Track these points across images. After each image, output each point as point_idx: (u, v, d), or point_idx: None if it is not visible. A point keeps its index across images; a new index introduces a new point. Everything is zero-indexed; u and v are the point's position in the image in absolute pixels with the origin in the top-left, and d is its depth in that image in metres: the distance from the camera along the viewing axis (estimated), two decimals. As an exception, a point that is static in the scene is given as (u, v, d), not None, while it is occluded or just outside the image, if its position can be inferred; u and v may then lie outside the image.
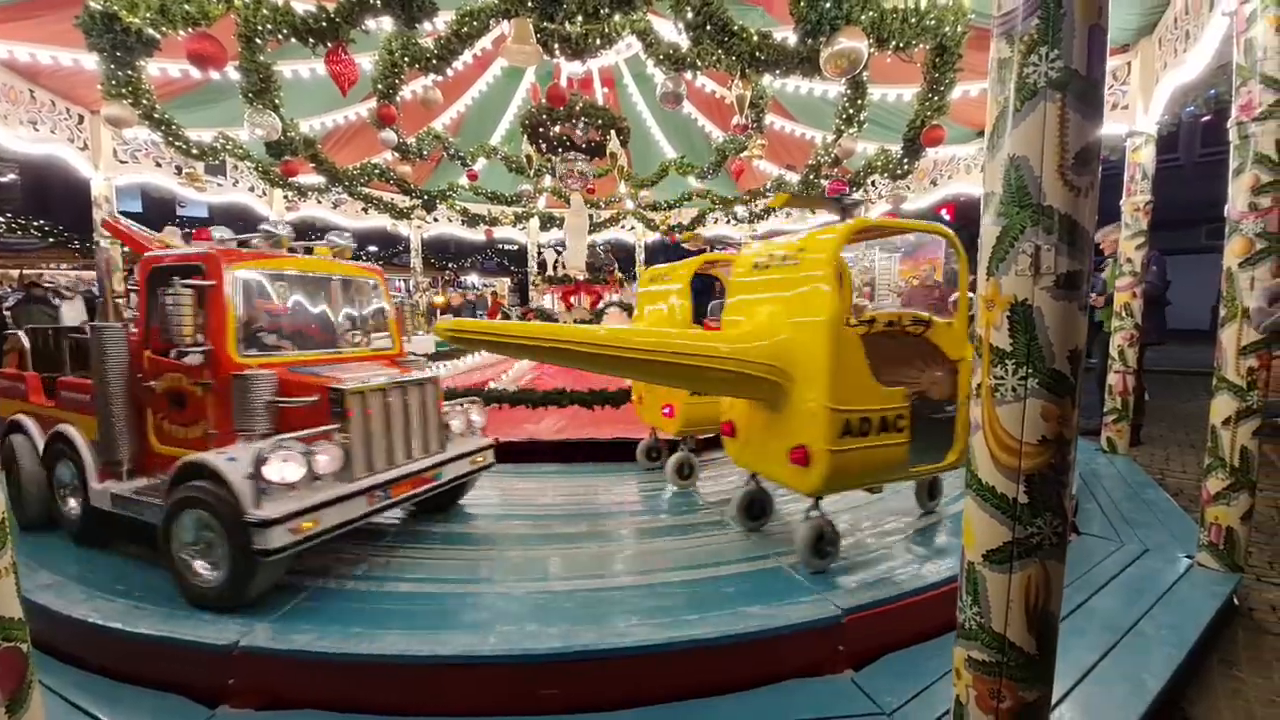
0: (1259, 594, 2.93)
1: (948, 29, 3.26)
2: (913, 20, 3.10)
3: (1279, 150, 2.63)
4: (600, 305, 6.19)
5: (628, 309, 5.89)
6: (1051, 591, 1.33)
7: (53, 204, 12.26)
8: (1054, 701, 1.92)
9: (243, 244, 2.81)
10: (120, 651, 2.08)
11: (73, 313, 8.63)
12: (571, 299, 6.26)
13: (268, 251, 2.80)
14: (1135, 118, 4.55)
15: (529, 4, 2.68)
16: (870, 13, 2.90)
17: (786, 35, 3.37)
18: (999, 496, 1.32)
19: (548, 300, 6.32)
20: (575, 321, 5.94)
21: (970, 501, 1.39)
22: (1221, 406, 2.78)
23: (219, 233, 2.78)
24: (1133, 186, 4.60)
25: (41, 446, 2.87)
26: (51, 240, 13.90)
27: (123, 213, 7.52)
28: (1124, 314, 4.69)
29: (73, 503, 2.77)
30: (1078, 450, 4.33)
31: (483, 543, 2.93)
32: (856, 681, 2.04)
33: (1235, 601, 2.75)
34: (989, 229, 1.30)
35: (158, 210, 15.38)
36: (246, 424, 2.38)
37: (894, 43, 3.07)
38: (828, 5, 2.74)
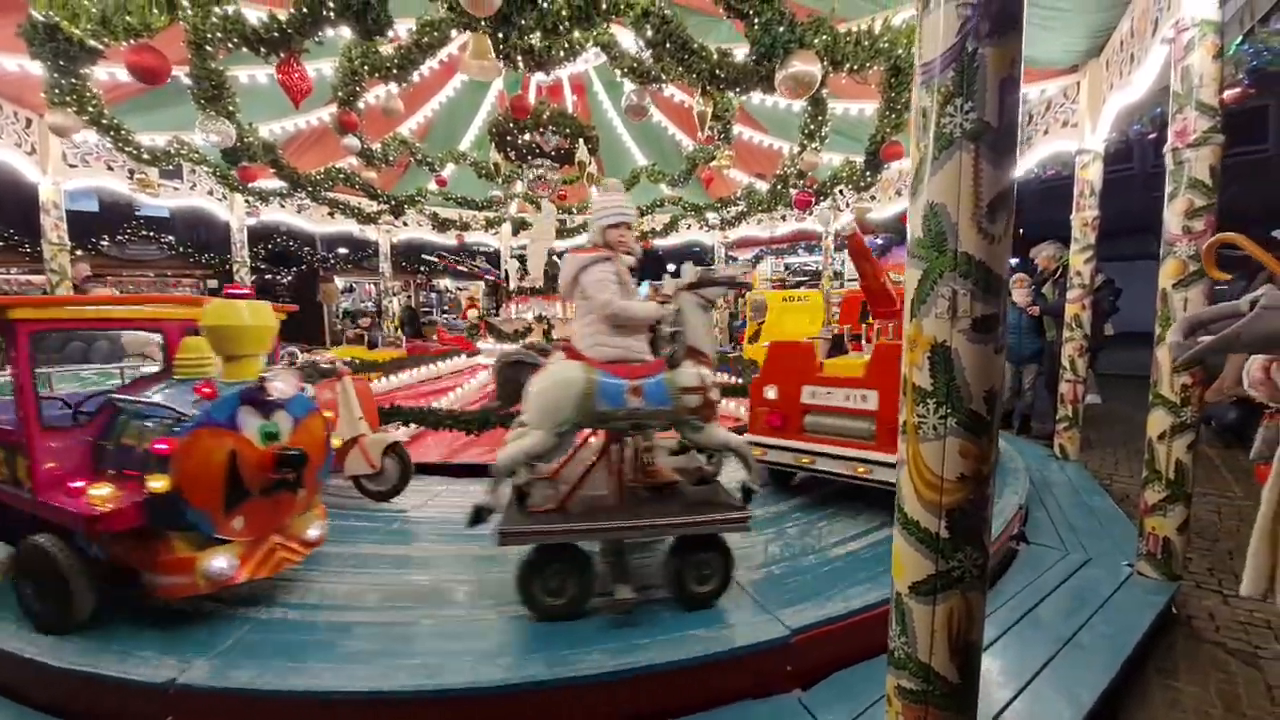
0: (1197, 601, 3.06)
1: (901, 51, 3.32)
2: (866, 43, 3.16)
3: (1212, 176, 2.75)
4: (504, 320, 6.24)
5: (546, 326, 5.88)
6: (973, 622, 1.37)
7: (1, 205, 11.76)
8: (992, 718, 1.99)
9: None
10: (56, 687, 2.01)
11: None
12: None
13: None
14: (1084, 136, 4.71)
15: (483, 21, 2.65)
16: (823, 36, 2.95)
17: (749, 51, 3.40)
18: (923, 531, 1.35)
19: (512, 311, 6.26)
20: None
21: (898, 534, 1.42)
22: (1157, 421, 2.89)
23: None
24: (1081, 202, 4.76)
25: None
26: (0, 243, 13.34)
27: (78, 212, 7.26)
28: (1073, 325, 4.85)
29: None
30: (1033, 457, 4.46)
31: (425, 566, 2.88)
32: (804, 702, 2.07)
33: (1174, 610, 2.87)
34: (911, 272, 1.34)
35: (115, 212, 14.81)
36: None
37: (848, 65, 3.13)
38: (781, 30, 2.78)
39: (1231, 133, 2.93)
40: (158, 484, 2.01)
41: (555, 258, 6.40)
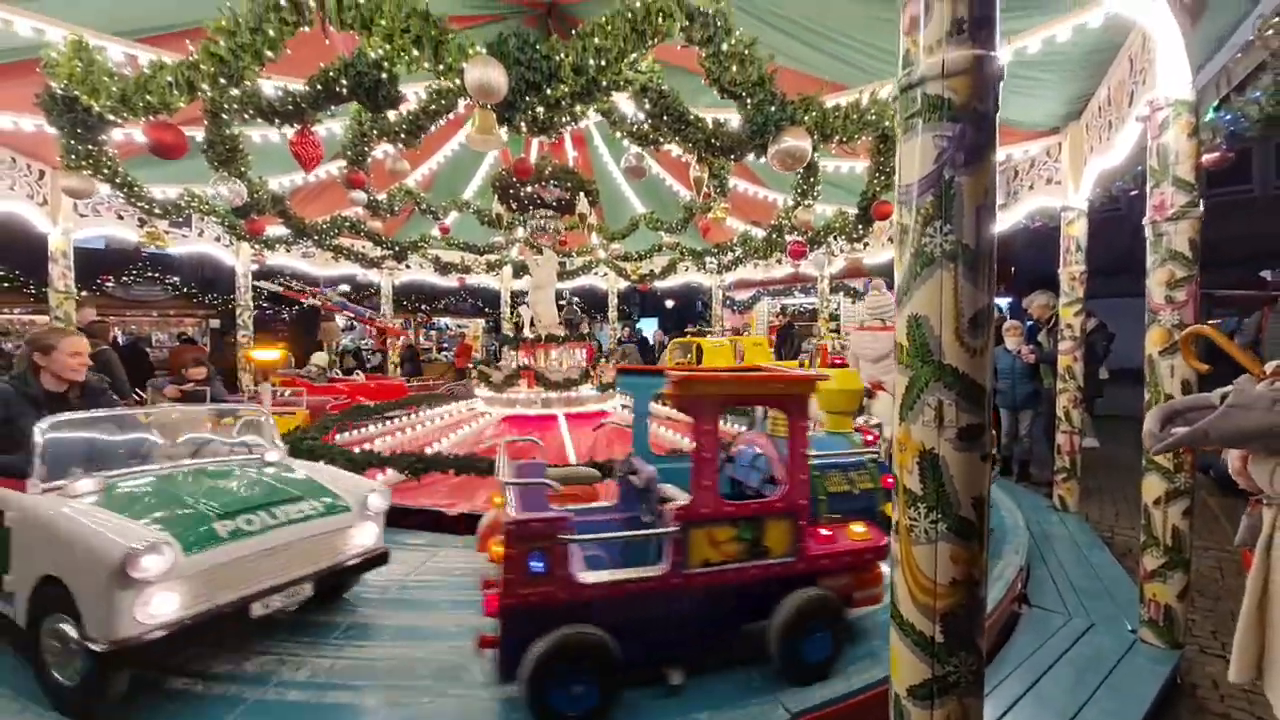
0: (1201, 668, 3.02)
1: (888, 122, 3.47)
2: (854, 117, 3.30)
3: (1192, 248, 2.84)
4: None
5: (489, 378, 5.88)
6: (972, 728, 1.37)
7: (8, 248, 11.94)
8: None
9: None
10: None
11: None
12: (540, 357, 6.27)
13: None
14: (1067, 194, 4.86)
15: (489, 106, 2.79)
16: (813, 113, 3.09)
17: (742, 126, 3.53)
18: (918, 634, 1.36)
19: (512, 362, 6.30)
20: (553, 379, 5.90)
21: (894, 634, 1.43)
22: (1152, 487, 2.91)
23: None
24: (1069, 257, 4.89)
25: None
26: (5, 285, 13.50)
27: (84, 250, 7.39)
28: (1067, 377, 4.90)
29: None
30: (1032, 509, 4.44)
31: (415, 637, 2.78)
32: (806, 789, 2.03)
33: (1178, 680, 2.83)
34: (899, 379, 1.39)
35: (121, 250, 15.04)
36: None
37: (837, 138, 3.27)
38: (773, 109, 2.92)
39: (1217, 174, 3.02)
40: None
41: (575, 304, 6.50)
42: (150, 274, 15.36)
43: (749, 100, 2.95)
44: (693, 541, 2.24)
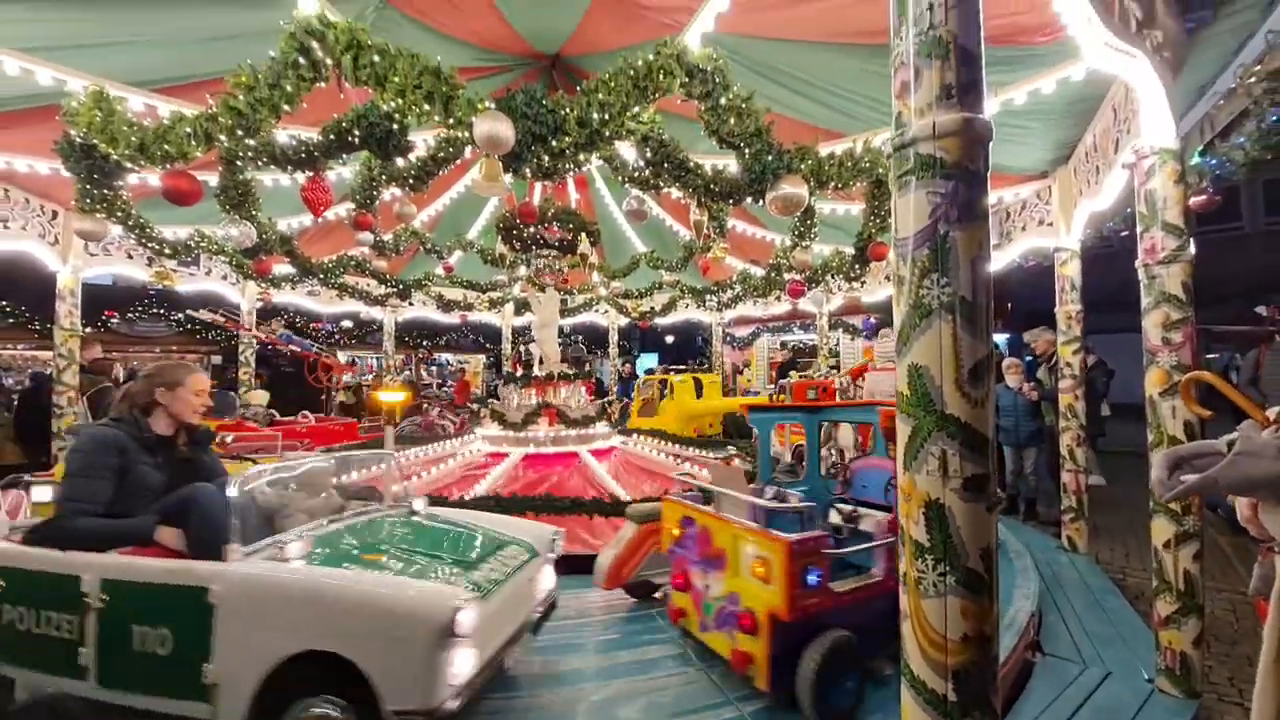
0: (1220, 717, 2.92)
1: (881, 169, 3.58)
2: (849, 164, 3.41)
3: (1185, 291, 2.88)
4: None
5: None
6: (989, 792, 1.32)
7: (15, 283, 12.09)
8: None
9: None
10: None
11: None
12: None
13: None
14: (1059, 235, 4.96)
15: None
16: (809, 161, 3.19)
17: (741, 174, 3.63)
18: (930, 691, 1.33)
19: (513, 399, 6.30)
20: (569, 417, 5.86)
21: (906, 692, 1.40)
22: (1161, 529, 2.87)
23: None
24: (1064, 296, 4.95)
25: None
26: (11, 320, 13.60)
27: (91, 286, 7.45)
28: (1069, 415, 4.90)
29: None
30: (1041, 549, 4.38)
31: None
32: None
33: (1198, 732, 2.73)
34: (901, 426, 1.40)
35: (127, 288, 15.22)
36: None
37: (833, 184, 3.36)
38: (770, 158, 3.02)
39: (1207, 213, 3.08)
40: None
41: (580, 342, 6.54)
42: (156, 310, 15.50)
43: (747, 150, 3.05)
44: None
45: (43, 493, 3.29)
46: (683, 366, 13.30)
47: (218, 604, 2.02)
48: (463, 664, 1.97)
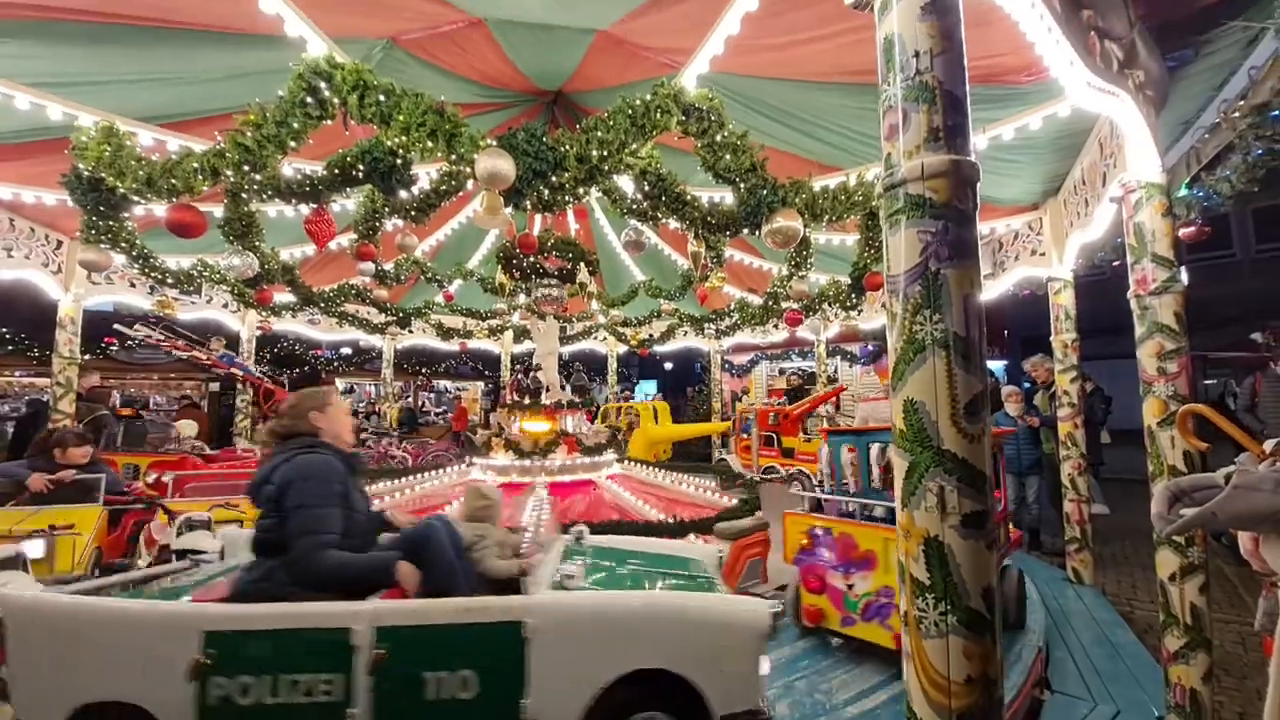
0: (1234, 758, 2.84)
1: (875, 203, 3.64)
2: (842, 198, 3.47)
3: (1178, 321, 2.91)
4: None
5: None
6: (999, 843, 1.28)
7: (15, 309, 12.13)
8: None
9: None
10: None
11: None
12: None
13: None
14: (1052, 265, 5.03)
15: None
16: (803, 195, 3.26)
17: (736, 208, 3.69)
18: (935, 736, 1.30)
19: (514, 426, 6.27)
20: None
21: (909, 735, 1.37)
22: (1166, 562, 2.84)
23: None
24: (1059, 325, 4.99)
25: None
26: (10, 347, 13.62)
27: (91, 312, 7.42)
28: (1069, 444, 4.88)
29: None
30: (1047, 582, 4.33)
31: None
32: None
33: (1213, 775, 2.65)
34: (898, 462, 1.40)
35: (129, 315, 15.25)
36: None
37: (827, 217, 3.42)
38: (765, 192, 3.08)
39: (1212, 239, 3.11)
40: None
41: (581, 370, 6.56)
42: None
43: (742, 185, 3.12)
44: None
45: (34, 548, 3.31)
46: (629, 396, 13.46)
47: (531, 637, 1.99)
48: (765, 665, 2.18)
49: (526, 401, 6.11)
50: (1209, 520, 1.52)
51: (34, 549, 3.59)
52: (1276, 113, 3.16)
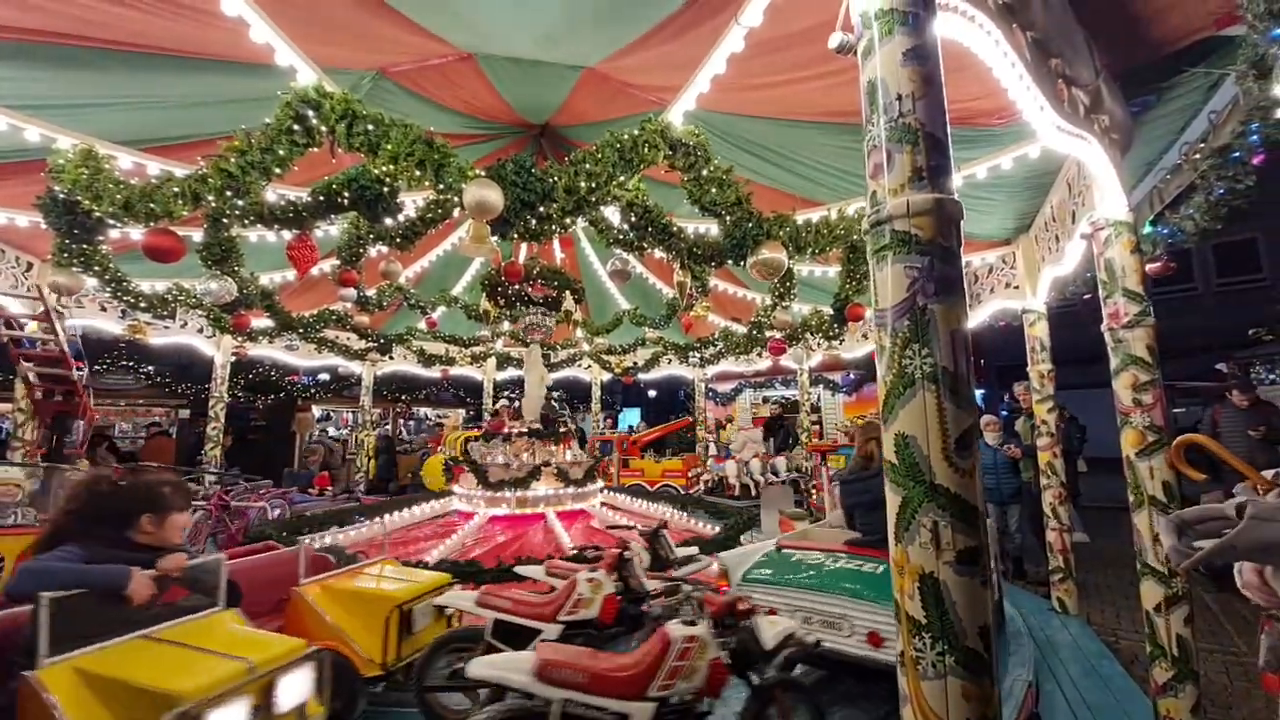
0: (1225, 793, 2.81)
1: (856, 236, 3.73)
2: (825, 232, 3.55)
3: (1150, 353, 2.99)
4: None
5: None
6: None
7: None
8: None
9: None
10: None
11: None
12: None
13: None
14: (1026, 298, 5.17)
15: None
16: (787, 228, 3.32)
17: (722, 240, 3.74)
18: (935, 785, 1.26)
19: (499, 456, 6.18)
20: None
21: (908, 784, 1.32)
22: (1150, 593, 2.85)
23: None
24: (1035, 356, 5.10)
25: None
26: (-30, 372, 13.07)
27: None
28: (1049, 473, 4.94)
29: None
30: (1033, 612, 4.31)
31: None
32: None
33: (1206, 812, 2.62)
34: (891, 497, 1.39)
35: (97, 341, 14.81)
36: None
37: (809, 250, 3.48)
38: (750, 225, 3.13)
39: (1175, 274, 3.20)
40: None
41: (555, 398, 6.49)
42: (125, 363, 15.06)
43: (728, 218, 3.17)
44: None
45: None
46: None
47: None
48: None
49: (544, 430, 6.04)
50: (1228, 553, 1.50)
51: None
52: (1237, 154, 3.31)
